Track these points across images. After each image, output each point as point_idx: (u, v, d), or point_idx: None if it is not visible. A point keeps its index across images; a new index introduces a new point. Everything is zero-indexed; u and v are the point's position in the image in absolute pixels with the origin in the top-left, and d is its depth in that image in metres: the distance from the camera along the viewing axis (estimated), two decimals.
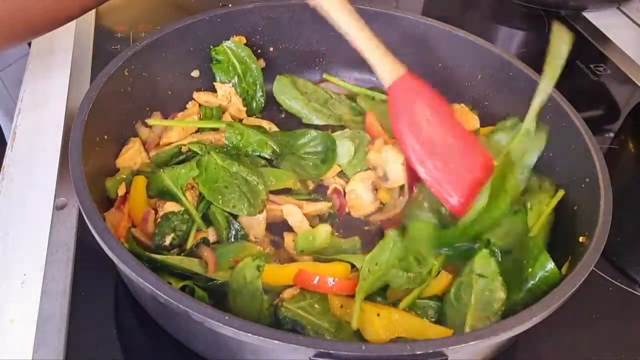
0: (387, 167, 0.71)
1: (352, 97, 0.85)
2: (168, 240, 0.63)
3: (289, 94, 0.84)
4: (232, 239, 0.65)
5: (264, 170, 0.71)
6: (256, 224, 0.67)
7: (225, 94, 0.82)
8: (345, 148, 0.75)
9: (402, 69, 0.68)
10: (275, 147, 0.73)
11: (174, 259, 0.60)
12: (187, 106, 0.81)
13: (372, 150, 0.73)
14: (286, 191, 0.71)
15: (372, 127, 0.78)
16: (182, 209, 0.66)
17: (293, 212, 0.68)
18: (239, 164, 0.68)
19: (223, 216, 0.66)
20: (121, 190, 0.66)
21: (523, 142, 0.69)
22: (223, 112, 0.81)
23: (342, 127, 0.80)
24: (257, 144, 0.73)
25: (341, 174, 0.76)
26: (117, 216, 0.64)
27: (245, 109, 0.82)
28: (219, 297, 0.58)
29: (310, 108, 0.83)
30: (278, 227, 0.69)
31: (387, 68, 0.67)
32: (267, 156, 0.73)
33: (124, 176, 0.68)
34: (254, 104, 0.84)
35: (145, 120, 0.75)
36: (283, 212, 0.68)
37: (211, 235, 0.65)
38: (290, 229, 0.68)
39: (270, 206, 0.68)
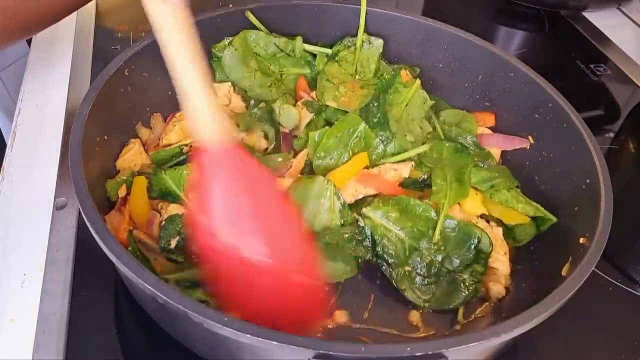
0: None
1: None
2: (174, 243, 0.63)
3: (236, 71, 0.81)
4: None
5: (265, 157, 0.72)
6: None
7: (225, 92, 0.81)
8: (291, 115, 0.77)
9: (228, 135, 0.55)
10: None
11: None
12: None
13: None
14: None
15: (299, 90, 0.81)
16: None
17: None
18: None
19: None
20: (122, 192, 0.66)
21: (364, 52, 0.82)
22: None
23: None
24: None
25: None
26: (117, 219, 0.64)
27: (245, 104, 0.82)
28: None
29: (256, 83, 0.82)
30: None
31: (213, 126, 0.54)
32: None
33: (124, 177, 0.68)
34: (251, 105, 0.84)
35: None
36: None
37: None
38: None
39: None
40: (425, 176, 0.73)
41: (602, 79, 1.04)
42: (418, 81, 0.78)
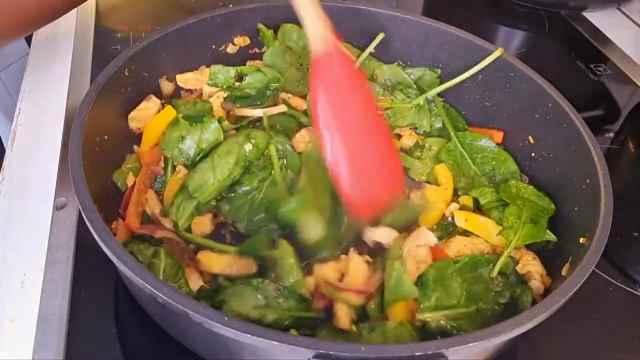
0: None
1: None
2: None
3: (279, 65, 0.83)
4: None
5: None
6: None
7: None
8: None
9: (334, 40, 0.63)
10: None
11: None
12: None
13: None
14: None
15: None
16: None
17: None
18: None
19: None
20: (130, 180, 0.68)
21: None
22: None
23: None
24: None
25: None
26: (123, 229, 0.65)
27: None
28: None
29: (290, 77, 0.83)
30: None
31: (319, 34, 0.62)
32: None
33: (129, 166, 0.69)
34: None
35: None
36: None
37: None
38: None
39: None
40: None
41: (602, 79, 1.04)
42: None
